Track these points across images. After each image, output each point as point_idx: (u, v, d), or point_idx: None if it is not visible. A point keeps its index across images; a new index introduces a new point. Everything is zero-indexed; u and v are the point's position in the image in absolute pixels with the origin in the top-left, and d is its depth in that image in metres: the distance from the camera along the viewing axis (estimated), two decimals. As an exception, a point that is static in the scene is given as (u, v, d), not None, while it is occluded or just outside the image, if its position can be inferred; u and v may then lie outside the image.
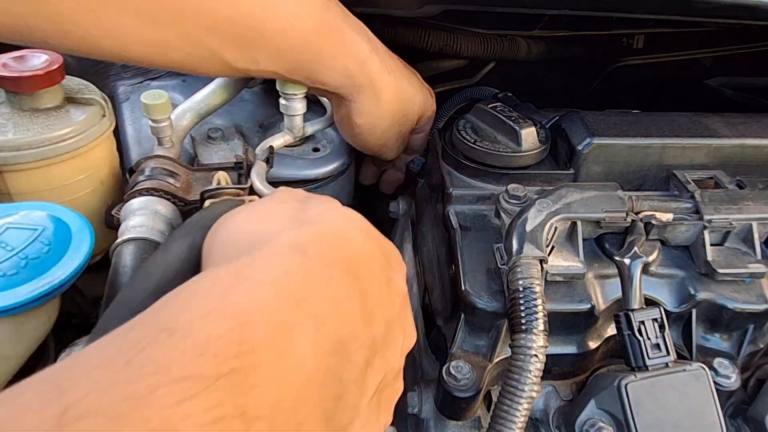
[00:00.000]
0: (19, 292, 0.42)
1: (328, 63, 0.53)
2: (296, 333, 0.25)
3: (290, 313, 0.26)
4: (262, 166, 0.56)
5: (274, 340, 0.25)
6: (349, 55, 0.54)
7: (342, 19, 0.53)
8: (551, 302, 0.48)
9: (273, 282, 0.27)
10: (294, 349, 0.25)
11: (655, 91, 0.99)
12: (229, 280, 0.26)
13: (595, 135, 0.56)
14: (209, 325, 0.24)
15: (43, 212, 0.48)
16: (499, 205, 0.51)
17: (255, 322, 0.24)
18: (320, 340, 0.26)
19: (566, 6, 0.62)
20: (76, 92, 0.58)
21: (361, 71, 0.55)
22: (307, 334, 0.26)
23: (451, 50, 0.80)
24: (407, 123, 0.64)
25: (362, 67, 0.55)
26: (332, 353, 0.27)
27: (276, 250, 0.29)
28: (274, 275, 0.27)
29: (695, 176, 0.55)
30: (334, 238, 0.31)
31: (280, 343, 0.25)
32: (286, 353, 0.25)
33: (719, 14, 0.58)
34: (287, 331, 0.25)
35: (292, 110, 0.60)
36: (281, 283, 0.27)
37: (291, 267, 0.28)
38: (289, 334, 0.25)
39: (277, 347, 0.24)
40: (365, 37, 0.55)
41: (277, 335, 0.25)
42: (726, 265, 0.50)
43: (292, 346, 0.25)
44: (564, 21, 0.89)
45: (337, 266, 0.30)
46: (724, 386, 0.47)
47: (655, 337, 0.45)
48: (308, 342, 0.26)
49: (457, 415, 0.50)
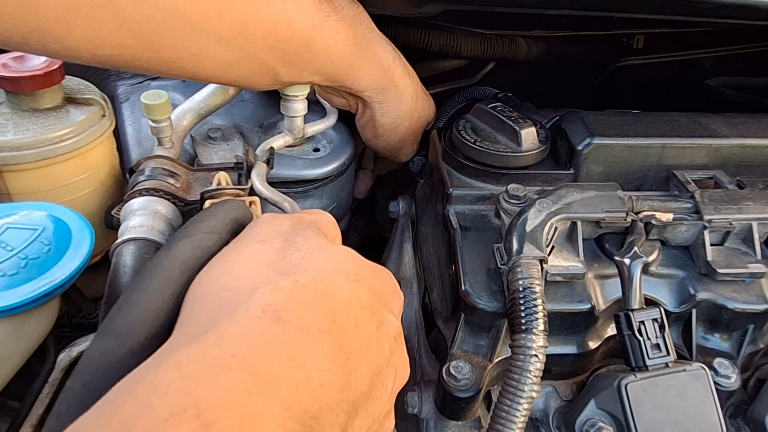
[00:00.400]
0: (19, 292, 0.42)
1: (360, 71, 0.58)
2: (265, 421, 0.24)
3: (259, 399, 0.25)
4: (263, 167, 0.56)
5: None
6: (377, 62, 0.59)
7: (370, 29, 0.58)
8: (551, 302, 0.48)
9: (241, 364, 0.25)
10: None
11: (655, 91, 0.99)
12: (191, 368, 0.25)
13: (595, 135, 0.56)
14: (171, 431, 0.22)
15: (43, 212, 0.48)
16: (499, 205, 0.51)
17: (221, 420, 0.23)
18: (289, 423, 0.25)
19: (566, 6, 0.62)
20: (76, 92, 0.58)
21: (386, 75, 0.60)
22: (275, 420, 0.25)
23: (451, 50, 0.80)
24: (422, 123, 0.68)
25: (387, 71, 0.60)
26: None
27: (247, 318, 0.27)
28: (242, 355, 0.26)
29: (695, 176, 0.55)
30: (316, 292, 0.30)
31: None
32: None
33: (719, 14, 0.58)
34: (255, 422, 0.24)
35: (293, 111, 0.61)
36: (250, 364, 0.25)
37: (262, 340, 0.26)
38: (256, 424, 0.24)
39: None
40: (388, 43, 0.60)
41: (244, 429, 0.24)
42: (726, 265, 0.50)
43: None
44: (564, 21, 0.89)
45: (316, 328, 0.28)
46: (724, 386, 0.47)
47: (655, 337, 0.45)
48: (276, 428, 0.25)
49: (457, 415, 0.50)
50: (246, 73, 0.51)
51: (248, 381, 0.25)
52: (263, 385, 0.25)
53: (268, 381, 0.25)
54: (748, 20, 0.60)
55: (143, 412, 0.23)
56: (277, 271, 0.31)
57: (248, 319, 0.27)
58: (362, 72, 0.58)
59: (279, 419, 0.25)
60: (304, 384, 0.27)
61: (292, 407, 0.25)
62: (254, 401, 0.25)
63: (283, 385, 0.26)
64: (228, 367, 0.25)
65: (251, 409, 0.24)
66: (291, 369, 0.26)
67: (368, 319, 0.31)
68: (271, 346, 0.27)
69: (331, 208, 0.68)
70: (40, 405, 0.46)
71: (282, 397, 0.25)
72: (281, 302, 0.28)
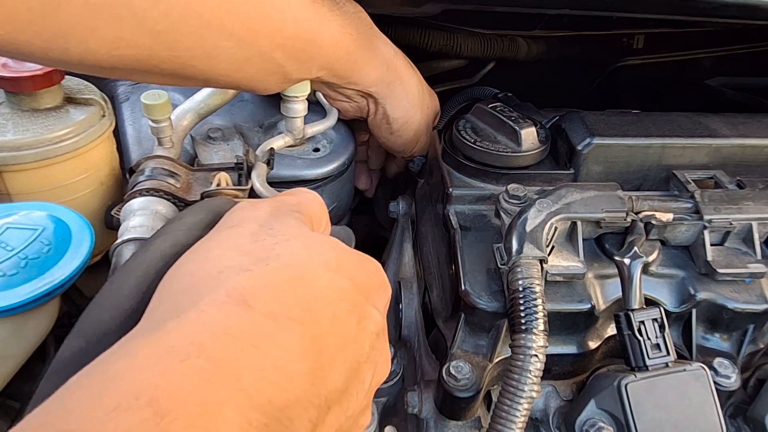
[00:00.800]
0: (19, 292, 0.42)
1: (366, 66, 0.59)
2: (225, 411, 0.23)
3: (218, 389, 0.23)
4: (263, 167, 0.56)
5: (198, 426, 0.22)
6: (379, 57, 0.60)
7: (370, 26, 0.60)
8: (551, 302, 0.48)
9: (200, 352, 0.24)
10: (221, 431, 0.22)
11: (655, 91, 0.99)
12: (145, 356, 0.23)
13: (595, 135, 0.56)
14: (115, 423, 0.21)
15: (43, 212, 0.48)
16: (499, 205, 0.51)
17: (174, 411, 0.21)
18: (252, 414, 0.24)
19: (566, 6, 0.62)
20: (76, 92, 0.58)
21: (390, 69, 0.62)
22: (236, 410, 0.23)
23: (452, 50, 0.80)
24: (432, 114, 0.70)
25: (390, 65, 0.62)
26: (266, 426, 0.24)
27: (210, 303, 0.26)
28: (200, 341, 0.24)
29: (695, 176, 0.55)
30: (288, 279, 0.28)
31: (205, 426, 0.22)
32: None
33: (719, 14, 0.58)
34: (213, 413, 0.22)
35: (293, 112, 0.61)
36: (209, 351, 0.24)
37: (225, 326, 0.25)
38: (215, 415, 0.22)
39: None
40: (387, 39, 0.62)
41: (202, 419, 0.22)
42: (726, 265, 0.50)
43: (218, 427, 0.22)
44: (564, 21, 0.89)
45: (286, 317, 0.27)
46: (724, 386, 0.47)
47: (655, 337, 0.45)
48: (238, 419, 0.23)
49: (457, 415, 0.50)
50: (257, 72, 0.52)
51: (207, 369, 0.23)
52: (223, 373, 0.24)
53: (228, 369, 0.24)
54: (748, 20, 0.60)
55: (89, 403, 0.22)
56: (247, 254, 0.29)
57: (211, 303, 0.26)
58: (369, 67, 0.59)
59: (241, 409, 0.23)
60: (269, 373, 0.25)
61: (255, 397, 0.24)
62: (214, 390, 0.23)
63: (245, 373, 0.24)
64: (186, 355, 0.23)
65: (210, 398, 0.23)
66: (254, 357, 0.25)
67: (348, 312, 0.30)
68: (233, 333, 0.25)
69: (331, 208, 0.68)
70: (40, 405, 0.46)
71: (244, 386, 0.24)
72: (248, 286, 0.27)
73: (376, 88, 0.61)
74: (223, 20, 0.46)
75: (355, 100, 0.64)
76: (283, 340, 0.26)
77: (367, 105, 0.65)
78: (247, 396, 0.24)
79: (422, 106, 0.67)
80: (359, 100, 0.64)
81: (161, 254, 0.32)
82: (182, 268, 0.30)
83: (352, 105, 0.65)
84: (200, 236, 0.33)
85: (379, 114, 0.65)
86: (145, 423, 0.21)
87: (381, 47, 0.61)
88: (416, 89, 0.65)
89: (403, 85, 0.64)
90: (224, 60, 0.49)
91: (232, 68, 0.50)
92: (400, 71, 0.63)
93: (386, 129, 0.66)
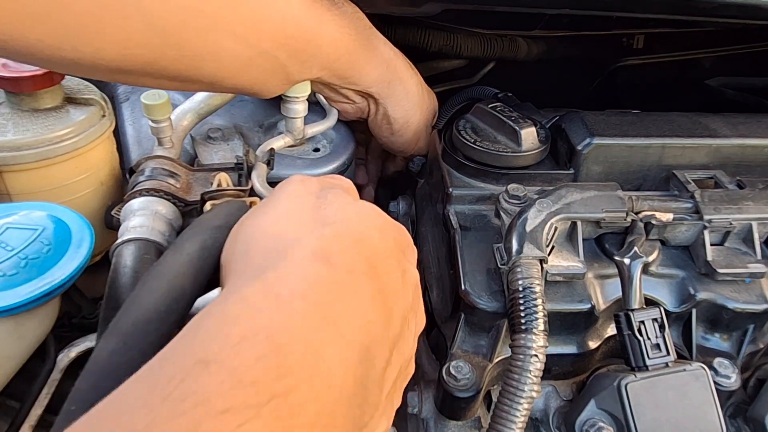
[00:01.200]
0: (19, 292, 0.42)
1: (366, 66, 0.60)
2: (327, 351, 0.26)
3: (320, 331, 0.27)
4: (263, 167, 0.56)
5: (307, 361, 0.25)
6: (379, 56, 0.61)
7: (368, 26, 0.60)
8: (551, 302, 0.48)
9: (302, 297, 0.27)
10: (326, 368, 0.26)
11: (655, 91, 0.99)
12: (257, 300, 0.27)
13: (595, 135, 0.56)
14: (244, 352, 0.24)
15: (43, 212, 0.48)
16: (499, 205, 0.51)
17: (288, 345, 0.25)
18: (348, 353, 0.27)
19: (566, 6, 0.62)
20: (76, 92, 0.58)
21: (390, 69, 0.62)
22: (336, 350, 0.27)
23: (451, 50, 0.80)
24: (431, 114, 0.70)
25: (390, 65, 0.62)
26: (359, 363, 0.28)
27: (300, 259, 0.29)
28: (301, 290, 0.27)
29: (695, 176, 0.55)
30: (354, 240, 0.32)
31: (313, 363, 0.25)
32: (319, 372, 0.25)
33: (719, 14, 0.58)
34: (318, 351, 0.26)
35: (294, 113, 0.61)
36: (308, 299, 0.27)
37: (317, 278, 0.28)
38: (320, 353, 0.26)
39: (310, 368, 0.25)
40: (386, 39, 0.62)
41: (310, 356, 0.25)
42: (726, 265, 0.50)
43: (324, 364, 0.26)
44: (564, 21, 0.89)
45: (360, 271, 0.31)
46: (724, 386, 0.47)
47: (655, 337, 0.45)
48: (338, 358, 0.27)
49: (457, 415, 0.50)
50: (260, 73, 0.52)
51: (309, 313, 0.27)
52: (323, 317, 0.27)
53: (326, 314, 0.27)
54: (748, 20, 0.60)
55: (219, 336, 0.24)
56: (316, 221, 0.33)
57: (302, 260, 0.29)
58: (368, 67, 0.60)
59: (339, 349, 0.27)
60: (356, 319, 0.29)
61: (348, 339, 0.28)
62: (316, 332, 0.26)
63: (338, 319, 0.28)
64: (291, 301, 0.27)
65: (315, 338, 0.26)
66: (344, 305, 0.29)
67: (395, 267, 0.34)
68: (325, 284, 0.28)
69: (331, 208, 0.68)
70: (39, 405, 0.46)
71: (339, 329, 0.27)
72: (326, 246, 0.30)
73: (376, 87, 0.62)
74: (226, 19, 0.47)
75: (355, 100, 0.64)
76: (361, 292, 0.30)
77: (368, 105, 0.65)
78: (343, 337, 0.27)
79: (422, 106, 0.67)
80: (360, 101, 0.64)
81: (189, 257, 0.34)
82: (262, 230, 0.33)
83: (353, 106, 0.65)
84: (225, 239, 0.36)
85: (380, 114, 0.65)
86: (266, 355, 0.24)
87: (380, 47, 0.61)
88: (416, 89, 0.66)
89: (403, 85, 0.64)
90: (228, 59, 0.49)
91: (235, 69, 0.50)
92: (399, 71, 0.63)
93: (387, 129, 0.67)
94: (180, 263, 0.34)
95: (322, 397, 0.25)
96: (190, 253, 0.34)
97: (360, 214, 0.35)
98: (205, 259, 0.34)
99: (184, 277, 0.33)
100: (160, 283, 0.32)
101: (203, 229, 0.36)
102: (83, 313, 0.57)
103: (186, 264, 0.34)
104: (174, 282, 0.32)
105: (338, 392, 0.26)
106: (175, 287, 0.32)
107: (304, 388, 0.24)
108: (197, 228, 0.36)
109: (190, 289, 0.33)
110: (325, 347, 0.26)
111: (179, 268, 0.33)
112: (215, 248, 0.35)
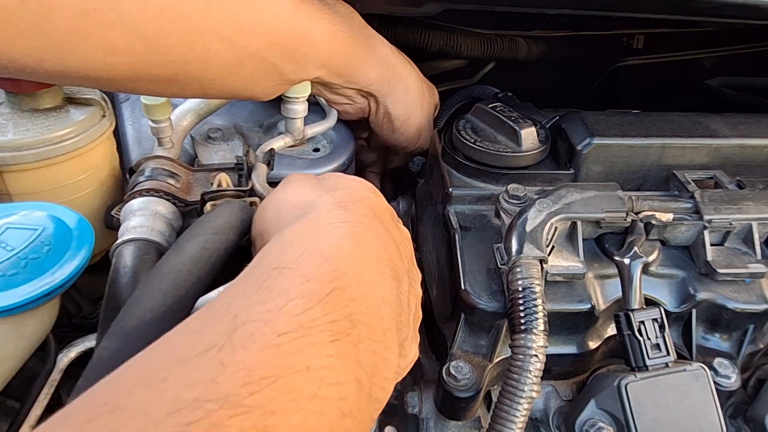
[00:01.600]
0: (19, 292, 0.42)
1: (365, 64, 0.60)
2: (366, 265, 0.33)
3: (357, 249, 0.33)
4: (263, 168, 0.56)
5: (354, 270, 0.32)
6: (377, 54, 0.61)
7: (364, 25, 0.60)
8: (551, 302, 0.48)
9: (338, 227, 0.34)
10: (369, 276, 0.33)
11: (655, 91, 0.99)
12: (306, 230, 0.34)
13: (595, 135, 0.56)
14: (306, 261, 0.31)
15: (43, 212, 0.48)
16: (499, 205, 0.51)
17: (337, 257, 0.32)
18: (383, 268, 0.35)
19: (566, 6, 0.62)
20: (76, 92, 0.58)
21: (389, 66, 0.62)
22: (374, 265, 0.34)
23: (451, 50, 0.80)
24: (432, 108, 0.71)
25: (388, 62, 0.62)
26: (392, 278, 0.35)
27: (326, 208, 0.36)
28: (335, 223, 0.35)
29: (695, 176, 0.55)
30: (359, 198, 0.39)
31: (359, 271, 0.32)
32: (364, 279, 0.32)
33: (719, 14, 0.58)
34: (361, 264, 0.33)
35: (294, 113, 0.61)
36: (342, 230, 0.34)
37: (343, 219, 0.35)
38: (362, 265, 0.33)
39: (357, 274, 0.32)
40: (383, 38, 0.63)
41: (355, 266, 0.32)
42: (726, 265, 0.50)
43: (366, 274, 0.33)
44: (564, 21, 0.89)
45: (370, 216, 0.37)
46: (724, 386, 0.47)
47: (655, 337, 0.45)
48: (377, 271, 0.34)
49: (457, 415, 0.50)
50: (251, 74, 0.52)
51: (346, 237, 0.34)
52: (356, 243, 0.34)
53: (358, 241, 0.34)
54: (748, 20, 0.60)
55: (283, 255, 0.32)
56: (328, 189, 0.40)
57: (327, 208, 0.37)
58: (367, 65, 0.60)
59: (376, 265, 0.34)
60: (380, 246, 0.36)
61: (379, 260, 0.35)
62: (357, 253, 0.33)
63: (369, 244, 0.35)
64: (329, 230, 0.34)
65: (355, 254, 0.33)
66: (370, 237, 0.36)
67: (392, 220, 0.41)
68: (350, 221, 0.35)
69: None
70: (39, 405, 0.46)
71: (371, 252, 0.35)
72: (341, 199, 0.38)
73: (376, 86, 0.62)
74: (212, 22, 0.47)
75: (356, 100, 0.64)
76: (376, 230, 0.37)
77: (368, 104, 0.65)
78: (376, 258, 0.35)
79: (423, 102, 0.67)
80: (360, 101, 0.64)
81: (191, 258, 0.36)
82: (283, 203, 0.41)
83: (354, 106, 0.65)
84: (226, 239, 0.40)
85: (381, 112, 0.65)
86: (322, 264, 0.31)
87: (377, 45, 0.61)
88: (416, 85, 0.66)
89: (403, 83, 0.64)
90: (216, 63, 0.49)
91: (224, 71, 0.50)
92: (398, 69, 0.64)
93: (388, 127, 0.67)
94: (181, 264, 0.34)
95: (370, 297, 0.32)
96: (191, 254, 0.35)
97: (356, 181, 0.42)
98: (206, 260, 0.35)
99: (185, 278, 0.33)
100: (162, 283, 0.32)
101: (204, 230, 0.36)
102: (83, 313, 0.56)
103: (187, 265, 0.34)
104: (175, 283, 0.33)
105: (381, 297, 0.33)
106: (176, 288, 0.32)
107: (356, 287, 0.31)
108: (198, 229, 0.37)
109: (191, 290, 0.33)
110: (364, 262, 0.33)
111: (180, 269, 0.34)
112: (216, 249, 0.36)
